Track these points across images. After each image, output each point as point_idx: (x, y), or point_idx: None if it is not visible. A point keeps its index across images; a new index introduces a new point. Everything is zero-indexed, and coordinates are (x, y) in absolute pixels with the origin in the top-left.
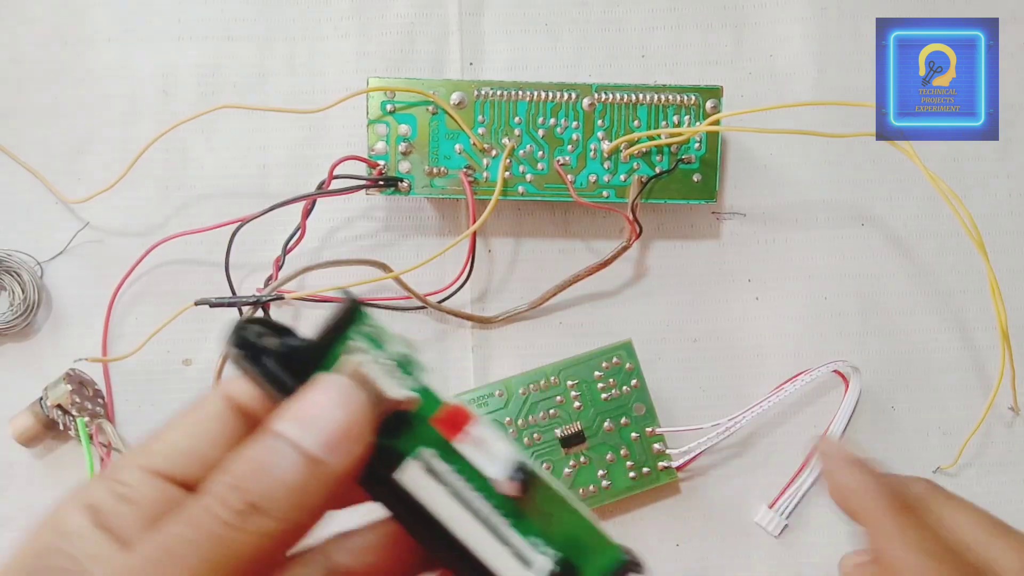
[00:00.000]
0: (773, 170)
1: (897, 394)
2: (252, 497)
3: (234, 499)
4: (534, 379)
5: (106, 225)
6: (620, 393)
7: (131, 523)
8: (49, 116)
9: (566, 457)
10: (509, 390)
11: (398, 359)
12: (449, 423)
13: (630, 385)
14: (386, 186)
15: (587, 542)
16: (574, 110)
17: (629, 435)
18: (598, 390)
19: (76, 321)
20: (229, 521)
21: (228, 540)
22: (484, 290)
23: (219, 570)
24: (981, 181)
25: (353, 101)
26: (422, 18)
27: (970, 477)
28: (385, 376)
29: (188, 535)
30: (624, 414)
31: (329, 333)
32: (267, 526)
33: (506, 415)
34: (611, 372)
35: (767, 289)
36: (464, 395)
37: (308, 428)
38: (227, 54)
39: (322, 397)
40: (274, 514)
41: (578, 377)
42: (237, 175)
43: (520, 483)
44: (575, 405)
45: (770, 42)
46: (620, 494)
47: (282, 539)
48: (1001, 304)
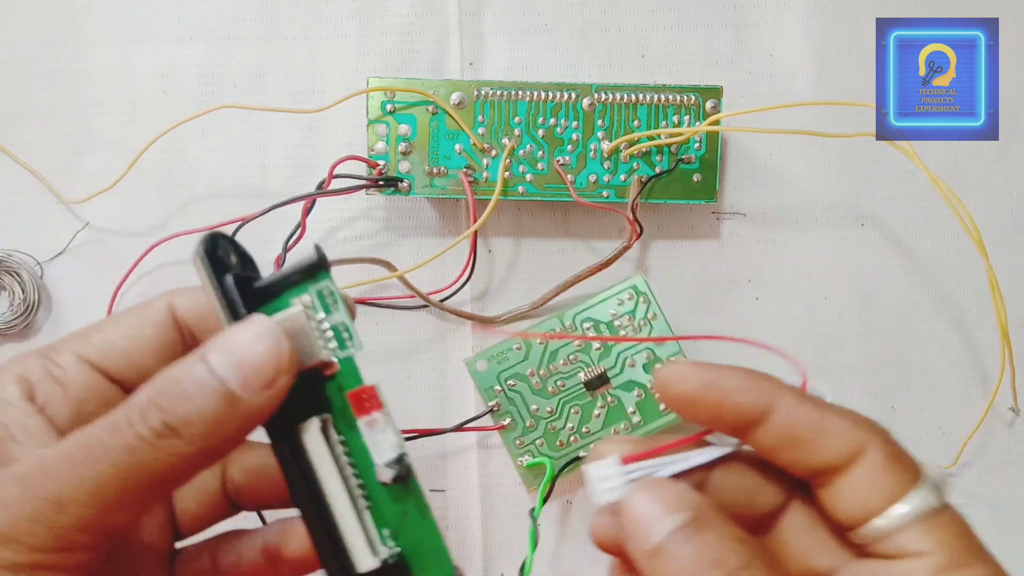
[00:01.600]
0: (773, 170)
1: (897, 394)
2: (169, 419)
3: (153, 417)
4: (550, 327)
5: (106, 225)
6: (638, 329)
7: (59, 404)
8: (49, 116)
9: (592, 400)
10: (527, 341)
11: (336, 326)
12: (359, 400)
13: (647, 318)
14: (386, 186)
15: (428, 550)
16: (574, 110)
17: (653, 368)
18: (616, 328)
19: (76, 321)
20: (145, 436)
21: (141, 453)
22: (484, 290)
23: (128, 479)
24: (981, 181)
25: (353, 101)
26: (422, 18)
27: (970, 477)
28: (319, 337)
29: (107, 441)
30: (645, 348)
31: (286, 279)
32: (180, 448)
33: (528, 367)
34: (626, 309)
35: (767, 289)
36: (484, 354)
37: (233, 363)
38: (227, 54)
39: (252, 336)
40: (188, 438)
41: (594, 319)
42: (237, 175)
43: (395, 474)
44: (595, 347)
45: (770, 42)
46: (653, 428)
47: (193, 462)
48: (1001, 304)
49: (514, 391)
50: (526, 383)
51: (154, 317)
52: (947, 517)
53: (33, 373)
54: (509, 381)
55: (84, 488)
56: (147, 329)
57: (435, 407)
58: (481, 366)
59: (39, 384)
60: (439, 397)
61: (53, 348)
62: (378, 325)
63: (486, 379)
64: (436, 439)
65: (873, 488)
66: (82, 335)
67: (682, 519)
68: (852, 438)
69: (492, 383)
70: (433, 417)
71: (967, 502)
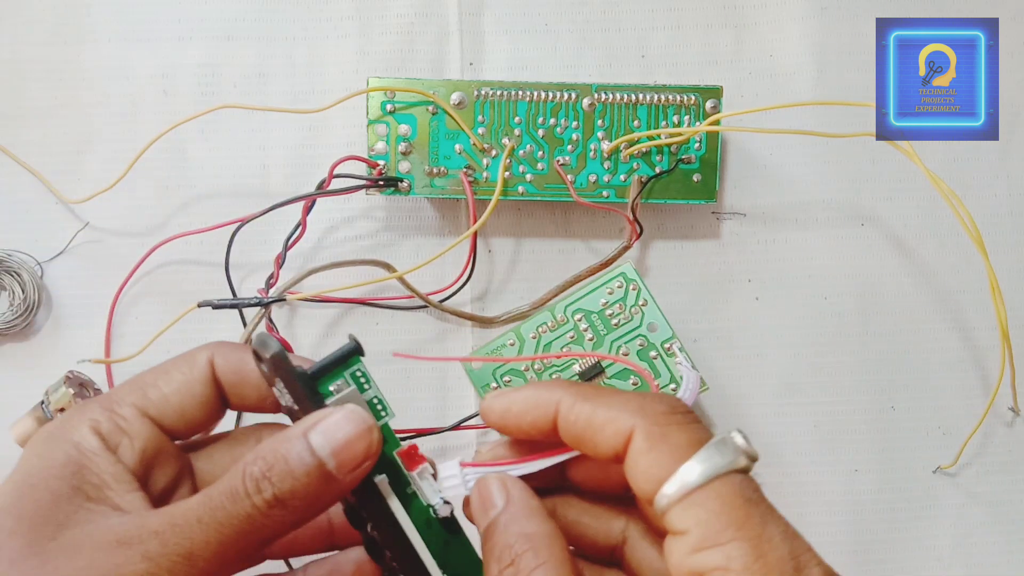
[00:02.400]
0: (773, 170)
1: (897, 394)
2: (279, 492)
3: (266, 490)
4: (542, 321)
5: (106, 225)
6: (630, 316)
7: (128, 453)
8: (49, 116)
9: None
10: (520, 337)
11: (372, 400)
12: (410, 456)
13: (638, 305)
14: (386, 186)
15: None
16: (574, 110)
17: (648, 356)
18: (607, 317)
19: (76, 321)
20: (259, 506)
21: (255, 520)
22: (484, 290)
23: (243, 539)
24: (981, 181)
25: (353, 101)
26: (422, 18)
27: (970, 477)
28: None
29: (228, 507)
30: (638, 336)
31: (330, 367)
32: (285, 517)
33: (522, 364)
34: (616, 298)
35: (767, 289)
36: (478, 351)
37: (332, 448)
38: (227, 54)
39: (351, 428)
40: (291, 509)
41: (584, 309)
42: (237, 175)
43: (451, 510)
44: (588, 338)
45: (770, 42)
46: None
47: (292, 526)
48: (1001, 304)
49: (510, 387)
50: (521, 378)
51: (200, 374)
52: (712, 491)
53: (103, 425)
54: (505, 377)
55: (210, 547)
56: (196, 386)
57: (435, 406)
58: (476, 364)
59: (109, 435)
60: (439, 396)
61: (114, 400)
62: (378, 325)
63: (482, 376)
64: (435, 438)
65: (639, 472)
66: (138, 388)
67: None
68: (619, 426)
69: (488, 380)
70: (433, 417)
71: (967, 502)
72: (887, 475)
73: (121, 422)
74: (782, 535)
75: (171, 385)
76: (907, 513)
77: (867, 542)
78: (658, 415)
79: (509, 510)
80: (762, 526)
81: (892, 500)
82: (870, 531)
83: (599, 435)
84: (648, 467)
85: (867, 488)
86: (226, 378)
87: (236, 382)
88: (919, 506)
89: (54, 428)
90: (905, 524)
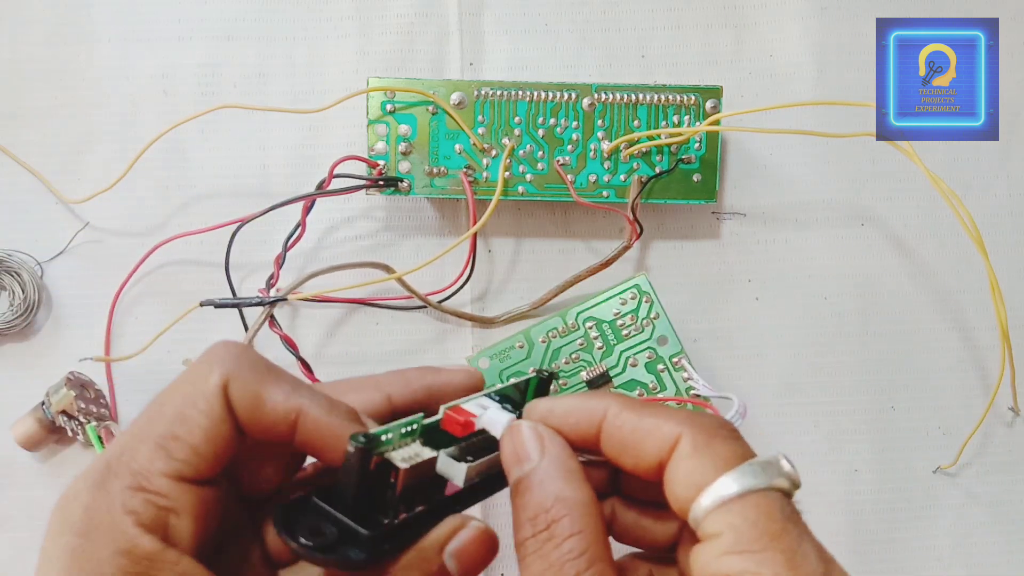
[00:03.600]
0: (773, 170)
1: (897, 394)
2: None
3: None
4: (552, 326)
5: (106, 225)
6: (640, 328)
7: (181, 533)
8: (49, 116)
9: None
10: (529, 340)
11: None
12: (452, 424)
13: (650, 318)
14: (386, 186)
15: None
16: (574, 110)
17: (656, 368)
18: (618, 328)
19: (76, 321)
20: None
21: None
22: (485, 290)
23: None
24: (981, 181)
25: (353, 101)
26: (422, 18)
27: (970, 477)
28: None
29: None
30: (648, 348)
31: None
32: None
33: (530, 365)
34: (629, 309)
35: (767, 289)
36: (486, 351)
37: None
38: (227, 54)
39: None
40: None
41: (596, 318)
42: (237, 175)
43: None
44: (597, 346)
45: (770, 42)
46: None
47: None
48: (1001, 304)
49: None
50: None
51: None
52: (750, 501)
53: (143, 514)
54: (511, 379)
55: None
56: (218, 428)
57: None
58: (483, 364)
59: (155, 523)
60: None
61: (139, 474)
62: (379, 325)
63: (488, 377)
64: None
65: (680, 476)
66: (159, 448)
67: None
68: (666, 432)
69: (494, 381)
70: None
71: (967, 502)
72: (887, 475)
73: (160, 500)
74: (817, 555)
75: (195, 435)
76: (907, 513)
77: (867, 542)
78: (706, 426)
79: (545, 467)
80: (798, 543)
81: (892, 500)
82: (870, 531)
83: (645, 440)
84: (690, 472)
85: (867, 488)
86: (244, 410)
87: (253, 416)
88: (919, 506)
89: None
90: (905, 524)
